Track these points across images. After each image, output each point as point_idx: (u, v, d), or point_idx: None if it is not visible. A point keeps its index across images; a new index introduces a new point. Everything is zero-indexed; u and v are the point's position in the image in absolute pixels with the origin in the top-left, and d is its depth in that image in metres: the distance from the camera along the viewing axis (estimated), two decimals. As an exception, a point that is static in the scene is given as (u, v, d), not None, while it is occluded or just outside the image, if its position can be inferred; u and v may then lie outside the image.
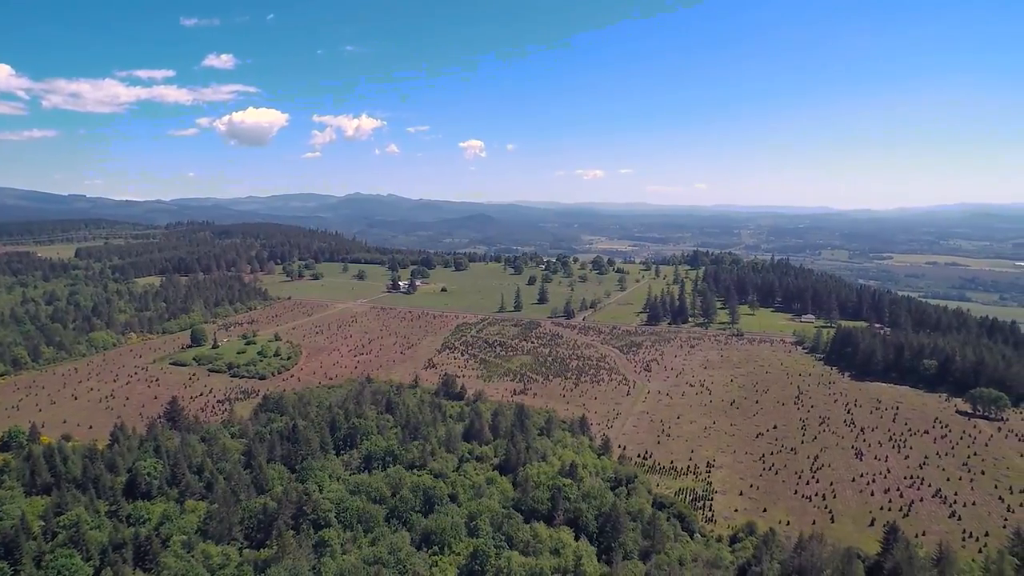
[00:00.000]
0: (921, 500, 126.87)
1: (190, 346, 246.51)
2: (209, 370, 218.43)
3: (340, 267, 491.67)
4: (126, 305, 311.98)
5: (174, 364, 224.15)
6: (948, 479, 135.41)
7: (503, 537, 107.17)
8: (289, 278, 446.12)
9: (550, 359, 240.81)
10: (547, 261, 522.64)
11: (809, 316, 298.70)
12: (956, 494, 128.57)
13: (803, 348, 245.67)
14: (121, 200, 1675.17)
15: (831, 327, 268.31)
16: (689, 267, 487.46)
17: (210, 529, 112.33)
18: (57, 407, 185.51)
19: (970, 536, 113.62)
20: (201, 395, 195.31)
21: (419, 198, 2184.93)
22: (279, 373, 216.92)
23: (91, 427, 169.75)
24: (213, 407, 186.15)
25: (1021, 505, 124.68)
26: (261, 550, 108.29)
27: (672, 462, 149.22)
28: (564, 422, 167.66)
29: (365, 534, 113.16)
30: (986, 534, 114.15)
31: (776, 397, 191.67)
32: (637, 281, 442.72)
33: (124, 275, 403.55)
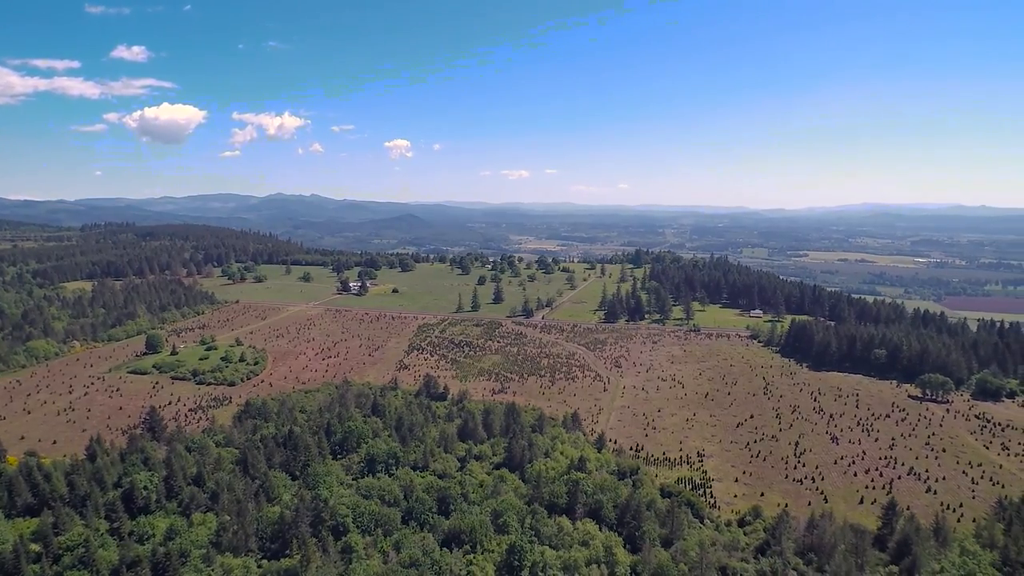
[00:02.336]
0: (899, 478, 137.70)
1: (146, 353, 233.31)
2: (172, 378, 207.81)
3: (282, 269, 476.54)
4: (60, 312, 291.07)
5: (133, 372, 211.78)
6: (916, 458, 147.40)
7: (532, 532, 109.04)
8: (231, 281, 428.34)
9: (520, 358, 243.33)
10: (493, 261, 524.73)
11: (757, 312, 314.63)
12: (927, 471, 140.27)
13: (758, 342, 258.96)
14: (19, 200, 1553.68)
15: (779, 321, 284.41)
16: (632, 265, 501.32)
17: (224, 541, 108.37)
18: (9, 423, 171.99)
19: (947, 508, 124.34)
20: (170, 404, 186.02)
21: (344, 198, 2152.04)
22: (248, 379, 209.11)
23: (55, 442, 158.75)
24: (185, 416, 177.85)
25: (983, 477, 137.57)
26: (281, 560, 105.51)
27: (664, 453, 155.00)
28: (553, 419, 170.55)
29: (385, 537, 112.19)
30: (960, 505, 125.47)
31: (745, 389, 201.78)
32: (584, 280, 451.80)
33: (47, 280, 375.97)
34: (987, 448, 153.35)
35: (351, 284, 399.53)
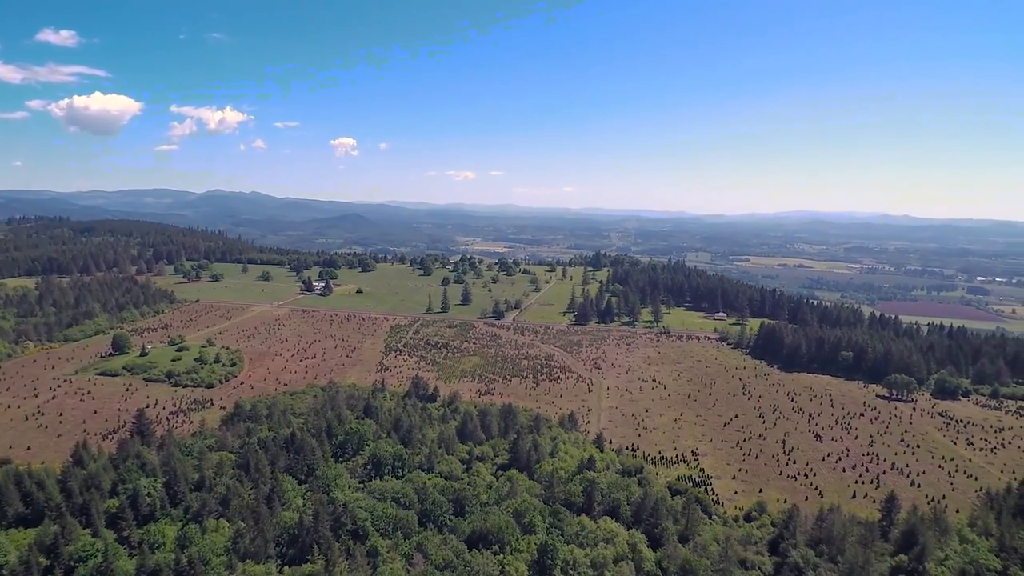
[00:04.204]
0: (884, 473, 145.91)
1: (112, 354, 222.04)
2: (146, 380, 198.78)
3: (237, 268, 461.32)
4: (3, 311, 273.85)
5: (103, 375, 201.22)
6: (896, 454, 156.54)
7: (557, 531, 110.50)
8: (185, 279, 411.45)
9: (499, 359, 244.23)
10: (455, 262, 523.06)
11: (721, 314, 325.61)
12: (908, 466, 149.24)
13: (728, 344, 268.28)
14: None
15: (743, 324, 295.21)
16: (592, 268, 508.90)
17: (241, 548, 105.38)
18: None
19: (932, 500, 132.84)
20: (148, 407, 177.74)
21: (286, 196, 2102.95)
22: (226, 381, 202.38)
23: (29, 448, 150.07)
24: (167, 419, 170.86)
25: (957, 471, 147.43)
26: (303, 566, 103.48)
27: (660, 452, 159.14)
28: (547, 420, 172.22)
29: (404, 540, 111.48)
30: (944, 497, 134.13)
31: (724, 389, 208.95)
32: (547, 282, 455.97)
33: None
34: (954, 444, 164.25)
35: (315, 284, 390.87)
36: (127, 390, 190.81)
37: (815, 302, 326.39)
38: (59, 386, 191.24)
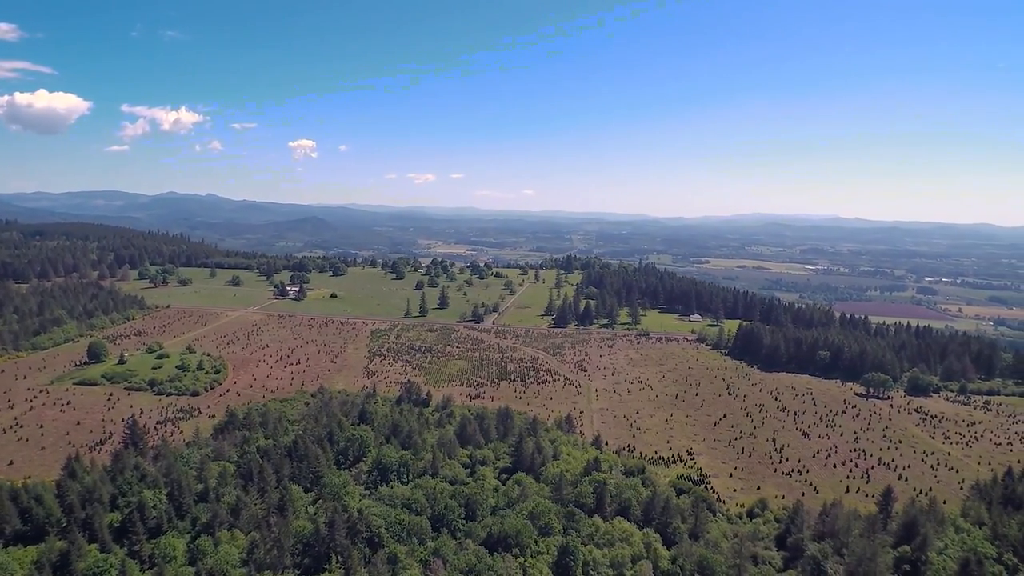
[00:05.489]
0: (872, 468, 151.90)
1: (87, 362, 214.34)
2: (127, 388, 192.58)
3: (205, 272, 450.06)
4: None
5: (81, 384, 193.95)
6: (881, 449, 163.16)
7: (574, 533, 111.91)
8: (151, 284, 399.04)
9: (485, 363, 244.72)
10: (427, 266, 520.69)
11: (696, 316, 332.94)
12: (893, 461, 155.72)
13: (707, 345, 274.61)
14: None
15: (718, 325, 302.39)
16: (564, 271, 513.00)
17: (257, 559, 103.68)
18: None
19: (919, 492, 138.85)
20: (132, 417, 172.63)
21: (243, 199, 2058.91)
22: (212, 388, 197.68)
23: (12, 463, 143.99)
24: (154, 429, 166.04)
25: (939, 464, 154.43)
26: (322, 575, 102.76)
27: (656, 452, 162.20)
28: (543, 423, 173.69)
29: (419, 545, 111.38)
30: (930, 490, 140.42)
31: (709, 389, 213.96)
32: (521, 285, 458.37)
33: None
34: (932, 438, 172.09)
35: (288, 289, 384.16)
36: (108, 399, 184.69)
37: (788, 303, 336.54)
38: (35, 397, 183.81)
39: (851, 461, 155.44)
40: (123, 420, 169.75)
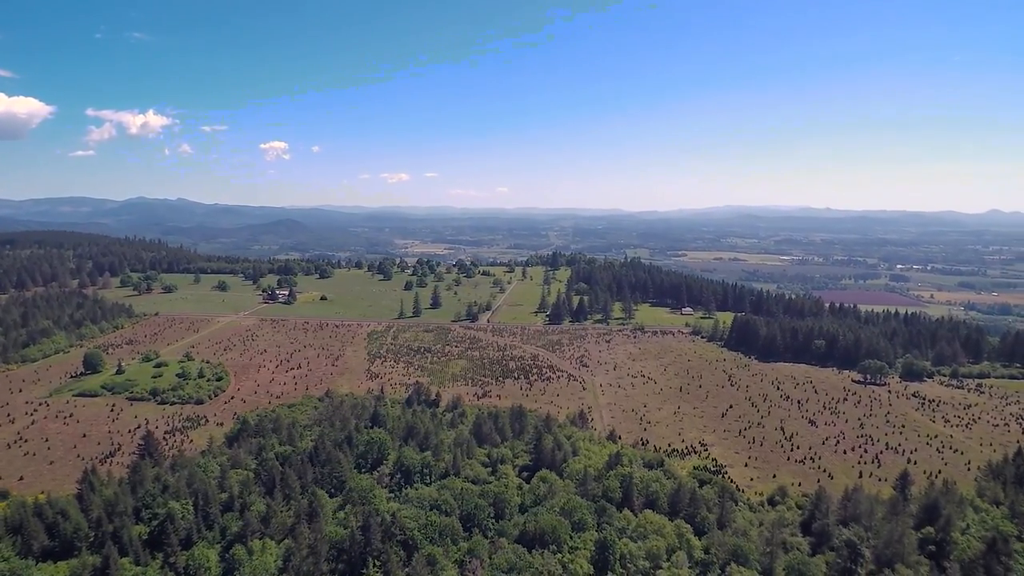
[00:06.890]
0: (881, 452, 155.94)
1: (84, 373, 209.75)
2: (129, 399, 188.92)
3: (189, 279, 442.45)
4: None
5: (81, 395, 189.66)
6: (886, 434, 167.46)
7: (608, 526, 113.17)
8: (135, 292, 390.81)
9: (486, 362, 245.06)
10: (414, 266, 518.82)
11: (688, 309, 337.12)
12: (900, 445, 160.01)
13: (702, 337, 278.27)
14: None
15: (711, 318, 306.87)
16: (551, 268, 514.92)
17: (293, 567, 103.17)
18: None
19: (929, 475, 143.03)
20: (139, 427, 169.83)
21: (215, 202, 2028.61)
22: (216, 396, 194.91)
23: (22, 478, 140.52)
24: (163, 439, 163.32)
25: (943, 447, 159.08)
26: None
27: (669, 445, 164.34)
28: (555, 419, 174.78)
29: (453, 546, 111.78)
30: (939, 472, 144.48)
31: (712, 381, 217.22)
32: (509, 283, 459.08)
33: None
34: (933, 422, 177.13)
35: (278, 293, 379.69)
36: (111, 410, 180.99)
37: (778, 294, 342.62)
38: (35, 410, 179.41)
39: (860, 447, 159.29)
40: (131, 431, 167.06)
